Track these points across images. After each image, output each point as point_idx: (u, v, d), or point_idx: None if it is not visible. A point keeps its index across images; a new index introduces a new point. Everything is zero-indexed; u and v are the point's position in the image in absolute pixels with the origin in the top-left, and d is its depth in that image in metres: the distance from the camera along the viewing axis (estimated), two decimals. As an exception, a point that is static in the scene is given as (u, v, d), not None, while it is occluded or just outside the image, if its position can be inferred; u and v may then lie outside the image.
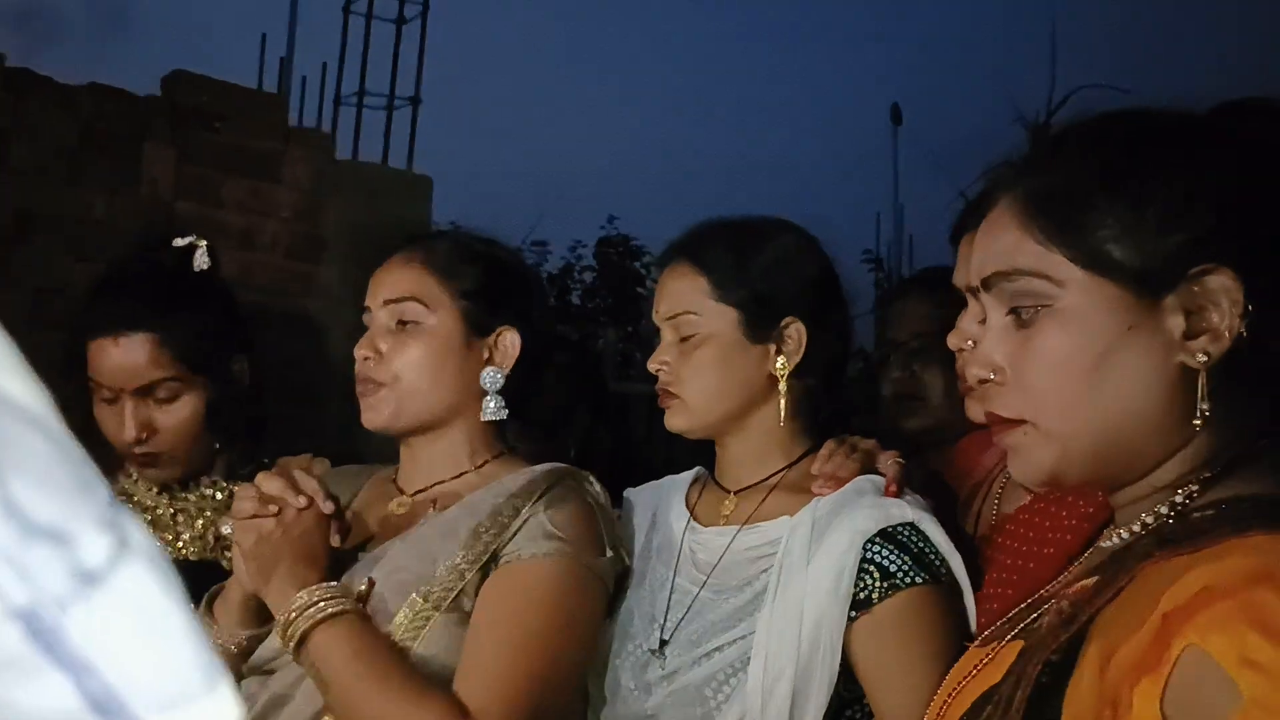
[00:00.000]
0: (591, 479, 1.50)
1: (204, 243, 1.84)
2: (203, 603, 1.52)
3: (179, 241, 1.83)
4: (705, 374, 1.45)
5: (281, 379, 2.13)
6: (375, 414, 1.52)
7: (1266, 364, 0.84)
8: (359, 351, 1.53)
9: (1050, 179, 0.88)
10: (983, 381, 0.90)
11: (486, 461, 1.56)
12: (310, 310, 3.14)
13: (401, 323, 1.52)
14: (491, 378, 1.54)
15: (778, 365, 1.46)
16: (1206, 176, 0.84)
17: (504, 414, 1.55)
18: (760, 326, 1.46)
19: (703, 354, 1.46)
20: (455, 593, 1.39)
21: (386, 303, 1.54)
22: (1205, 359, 0.82)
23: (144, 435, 1.71)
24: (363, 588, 1.42)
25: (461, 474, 1.55)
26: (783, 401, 1.46)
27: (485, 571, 1.40)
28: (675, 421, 1.48)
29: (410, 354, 1.51)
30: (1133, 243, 0.84)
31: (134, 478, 1.81)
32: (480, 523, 1.43)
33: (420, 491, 1.55)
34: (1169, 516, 0.85)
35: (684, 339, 1.47)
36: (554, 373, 1.63)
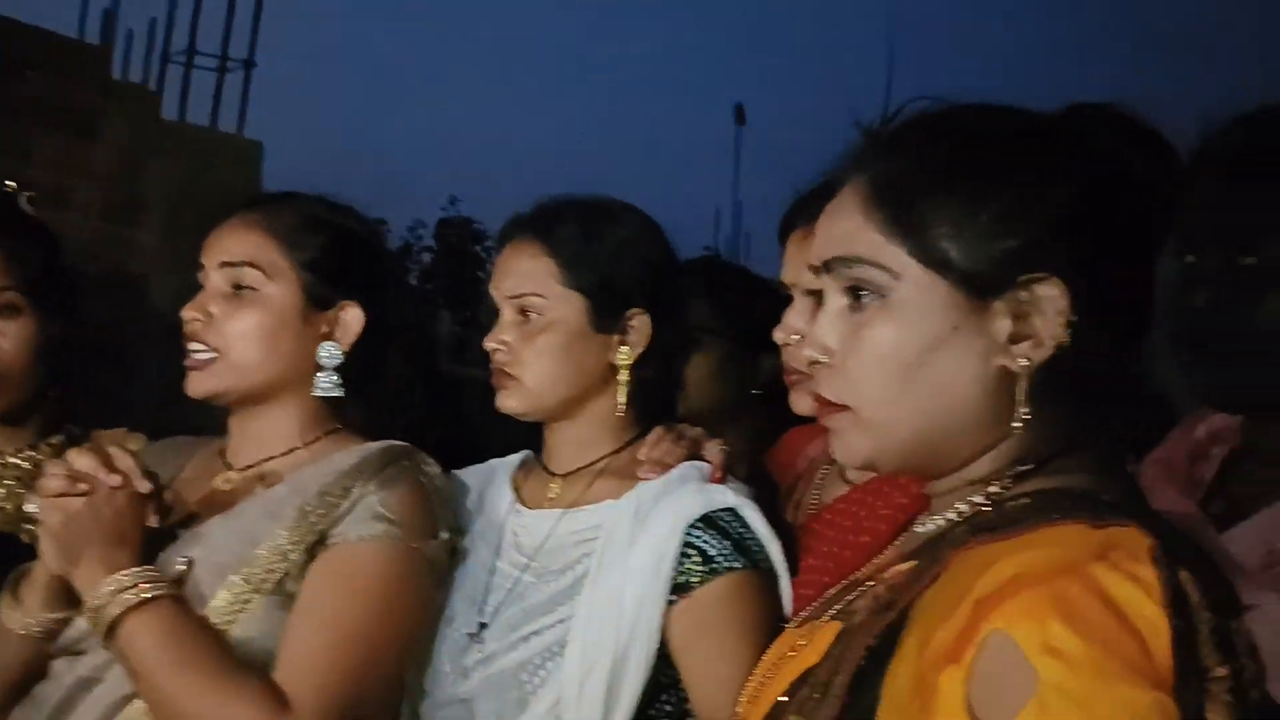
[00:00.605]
0: (428, 459, 1.46)
1: (25, 193, 1.79)
2: (7, 582, 1.43)
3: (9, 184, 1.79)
4: (546, 359, 1.44)
5: (96, 346, 2.02)
6: (199, 383, 1.45)
7: (1085, 370, 0.86)
8: (187, 313, 1.46)
9: (896, 168, 0.89)
10: (813, 363, 0.91)
11: (319, 438, 1.50)
12: (128, 276, 2.99)
13: (237, 288, 1.45)
14: (329, 353, 1.48)
15: (620, 355, 1.46)
16: (1044, 183, 0.86)
17: (339, 391, 1.49)
18: (606, 316, 1.45)
19: (546, 339, 1.44)
20: (279, 575, 1.35)
21: (223, 265, 1.46)
22: (1026, 364, 0.85)
23: None
24: (181, 567, 1.35)
25: (292, 450, 1.49)
26: (622, 391, 1.46)
27: (312, 553, 1.36)
28: (509, 403, 1.47)
29: (243, 323, 1.44)
30: (967, 243, 0.85)
31: None
32: (307, 502, 1.38)
33: (248, 467, 1.49)
34: (984, 505, 0.88)
35: (525, 319, 1.45)
36: (399, 353, 1.58)
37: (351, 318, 1.50)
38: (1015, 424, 0.86)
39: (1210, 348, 1.19)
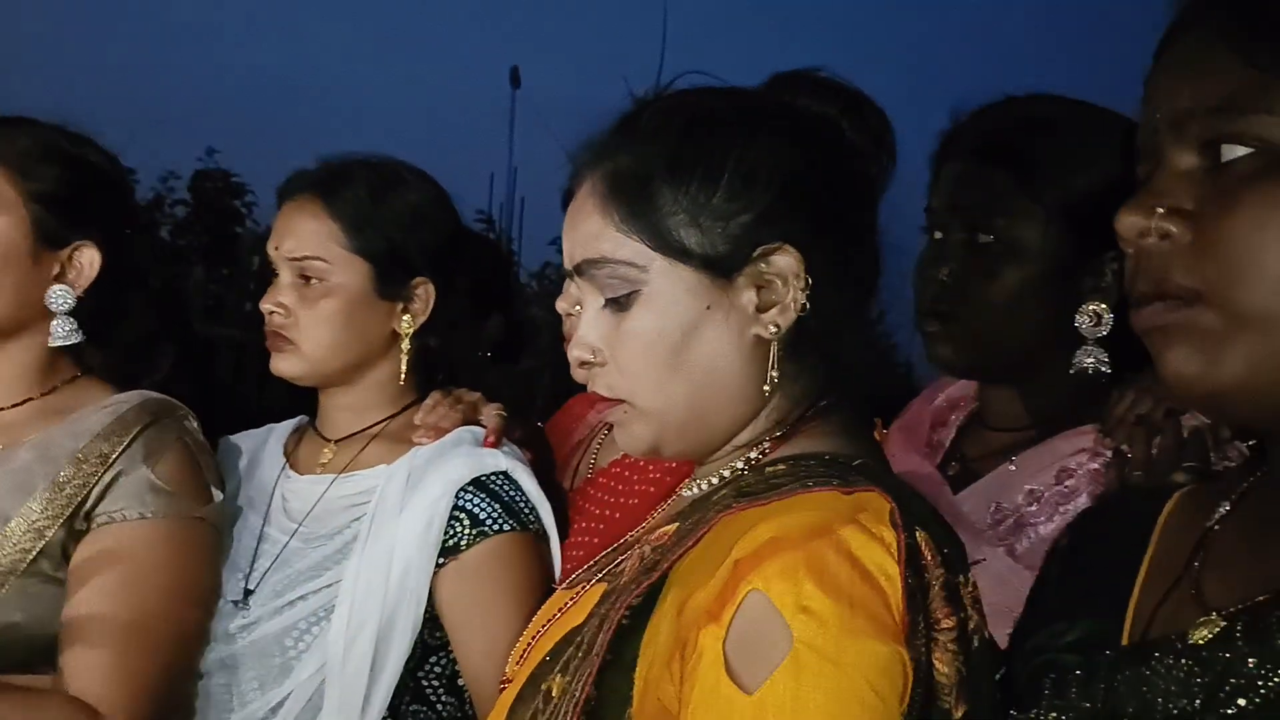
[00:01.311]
0: (184, 410, 1.39)
1: None
2: None
3: None
4: (327, 325, 1.40)
5: None
6: None
7: (826, 331, 0.92)
8: None
9: (624, 162, 0.92)
10: (584, 363, 0.93)
11: (56, 387, 1.39)
12: None
13: None
14: (61, 296, 1.37)
15: (403, 324, 1.43)
16: (762, 155, 0.90)
17: (74, 338, 1.38)
18: (391, 283, 1.42)
19: (328, 304, 1.40)
20: (33, 554, 1.25)
21: None
22: (775, 330, 0.90)
23: None
24: None
25: (27, 400, 1.38)
26: (404, 360, 1.44)
27: (71, 528, 1.27)
28: (286, 367, 1.42)
29: None
30: (702, 228, 0.89)
31: None
32: (62, 472, 1.28)
33: None
34: (744, 470, 0.92)
35: (305, 283, 1.40)
36: (145, 306, 1.48)
37: (87, 259, 1.39)
38: (766, 386, 0.91)
39: (951, 319, 1.28)
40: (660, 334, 0.90)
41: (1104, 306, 0.98)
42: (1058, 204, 1.23)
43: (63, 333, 1.37)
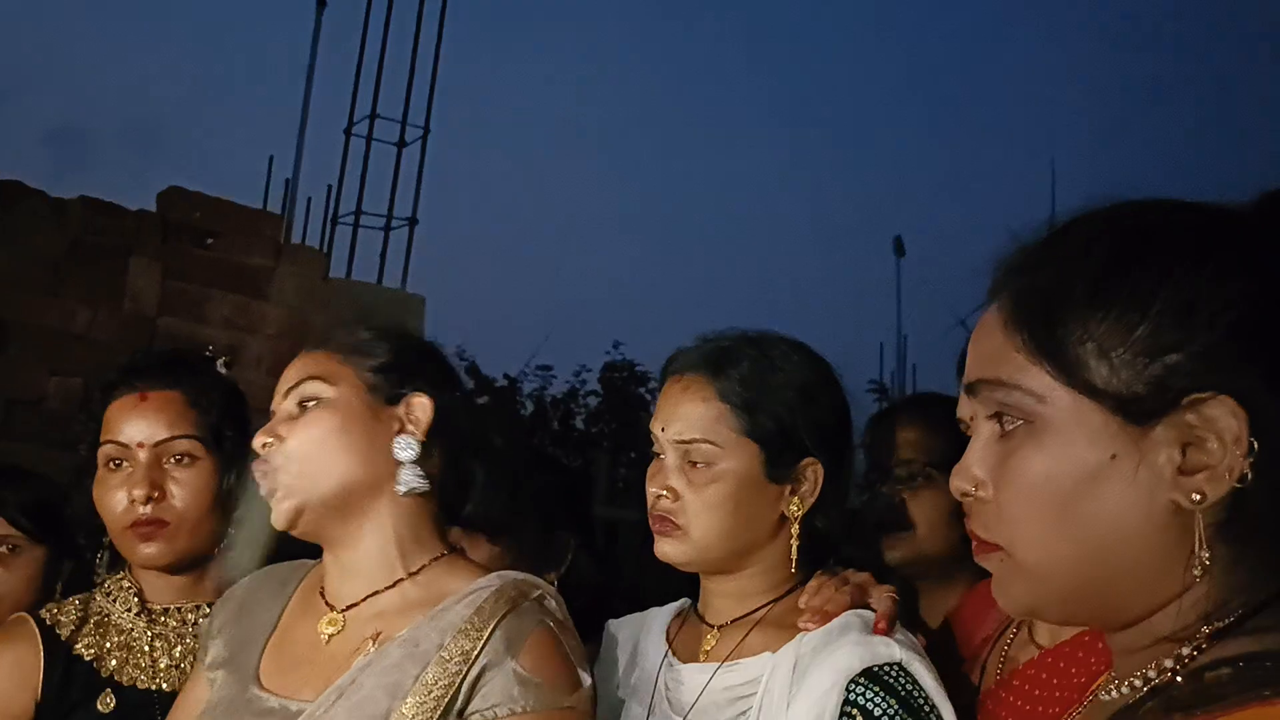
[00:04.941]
0: (545, 592, 1.35)
1: (221, 358, 1.84)
2: None
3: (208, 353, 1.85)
4: (717, 510, 1.36)
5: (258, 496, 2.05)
6: (279, 509, 1.35)
7: (1275, 508, 0.73)
8: (257, 441, 1.38)
9: (1037, 282, 0.80)
10: (965, 494, 0.82)
11: (424, 567, 1.39)
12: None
13: (302, 405, 1.38)
14: (405, 445, 1.37)
15: (792, 506, 1.37)
16: (1209, 284, 0.74)
17: (421, 486, 1.37)
18: (781, 466, 1.37)
19: (717, 489, 1.36)
20: None
21: (287, 392, 1.40)
22: (1199, 499, 0.72)
23: (154, 494, 1.63)
24: None
25: (397, 582, 1.38)
26: (794, 544, 1.38)
27: None
28: (672, 552, 1.38)
29: (307, 429, 1.35)
30: (1118, 362, 0.74)
31: (112, 594, 1.70)
32: (429, 671, 1.28)
33: (352, 606, 1.38)
34: (1174, 673, 0.75)
35: (692, 466, 1.37)
36: (491, 466, 1.49)
37: (419, 405, 1.39)
38: (1195, 571, 0.73)
39: None
40: (1049, 478, 0.75)
41: None
42: None
43: (409, 479, 1.37)
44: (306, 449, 1.34)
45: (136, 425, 1.65)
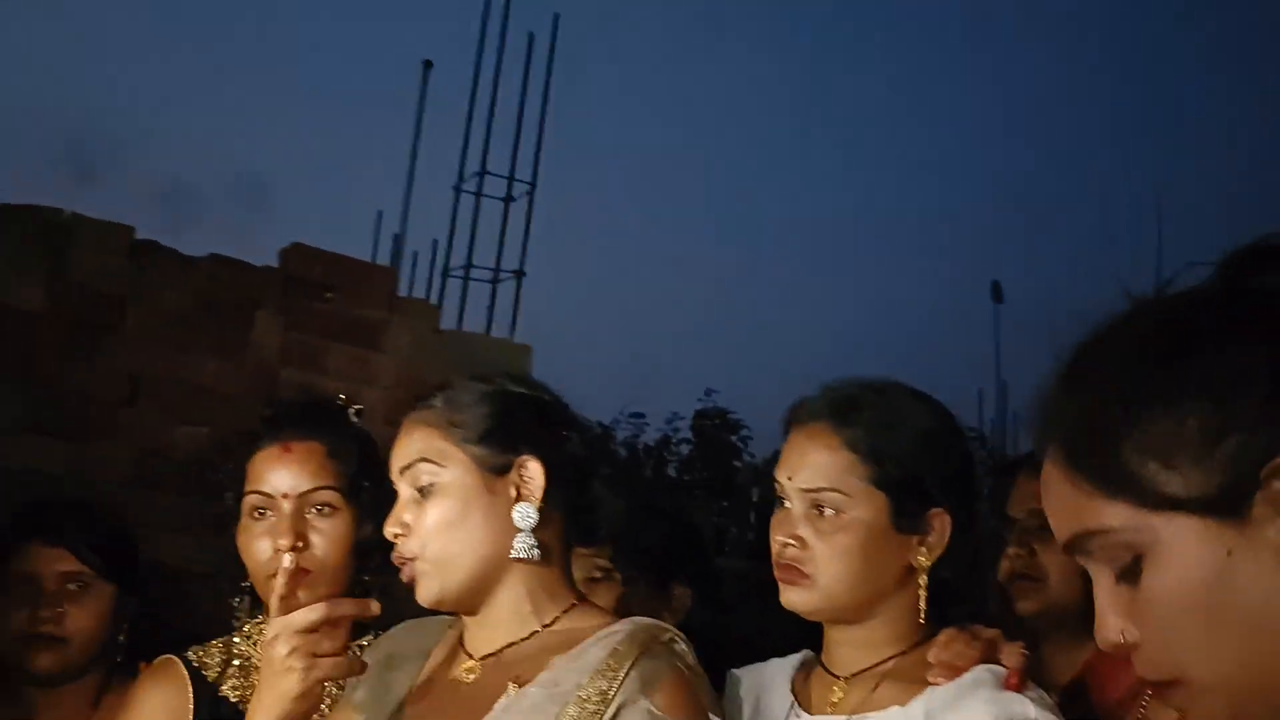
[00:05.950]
0: (677, 637, 1.38)
1: (354, 405, 1.87)
2: None
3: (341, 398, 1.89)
4: (846, 560, 1.35)
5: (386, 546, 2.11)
6: (422, 592, 1.41)
7: None
8: (387, 529, 1.43)
9: (1071, 419, 0.79)
10: (1117, 647, 0.79)
11: (557, 618, 1.42)
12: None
13: (420, 490, 1.41)
14: (523, 513, 1.39)
15: (920, 557, 1.37)
16: (1236, 353, 0.73)
17: (535, 554, 1.39)
18: (908, 515, 1.37)
19: (845, 538, 1.36)
20: None
21: (402, 471, 1.43)
22: None
23: (299, 543, 1.67)
24: None
25: (533, 633, 1.42)
26: (922, 595, 1.37)
27: None
28: (799, 601, 1.38)
29: (432, 520, 1.39)
30: (1184, 466, 0.73)
31: (252, 637, 1.76)
32: (569, 710, 1.31)
33: (490, 655, 1.42)
34: None
35: (819, 514, 1.37)
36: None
37: (531, 472, 1.41)
38: None
39: None
40: (1182, 596, 0.73)
41: None
42: None
43: (521, 547, 1.39)
44: (436, 542, 1.39)
45: (281, 476, 1.71)
